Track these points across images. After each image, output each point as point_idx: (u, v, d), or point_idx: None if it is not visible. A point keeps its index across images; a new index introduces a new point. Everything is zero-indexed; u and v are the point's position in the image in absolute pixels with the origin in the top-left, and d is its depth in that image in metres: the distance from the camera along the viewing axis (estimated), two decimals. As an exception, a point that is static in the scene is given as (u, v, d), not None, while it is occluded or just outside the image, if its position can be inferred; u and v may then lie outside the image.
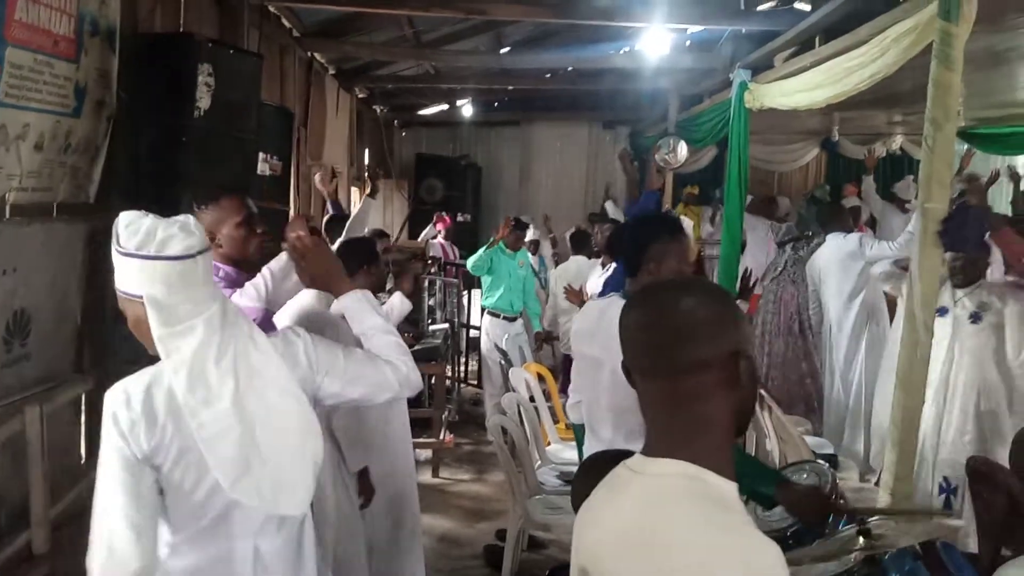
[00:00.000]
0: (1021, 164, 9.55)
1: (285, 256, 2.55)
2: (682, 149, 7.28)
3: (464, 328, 7.74)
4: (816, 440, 4.25)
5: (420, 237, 9.13)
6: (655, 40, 6.45)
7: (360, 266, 3.12)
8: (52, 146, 2.83)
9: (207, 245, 1.75)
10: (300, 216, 2.72)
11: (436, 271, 7.38)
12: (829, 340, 5.73)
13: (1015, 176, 6.93)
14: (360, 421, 3.04)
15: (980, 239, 3.12)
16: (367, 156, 10.09)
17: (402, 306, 3.93)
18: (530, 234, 7.75)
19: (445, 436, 5.80)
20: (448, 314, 7.23)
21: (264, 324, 2.45)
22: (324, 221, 5.42)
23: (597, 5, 6.22)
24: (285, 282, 2.56)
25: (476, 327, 7.34)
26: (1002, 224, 3.07)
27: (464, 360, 7.81)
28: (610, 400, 2.55)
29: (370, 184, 5.20)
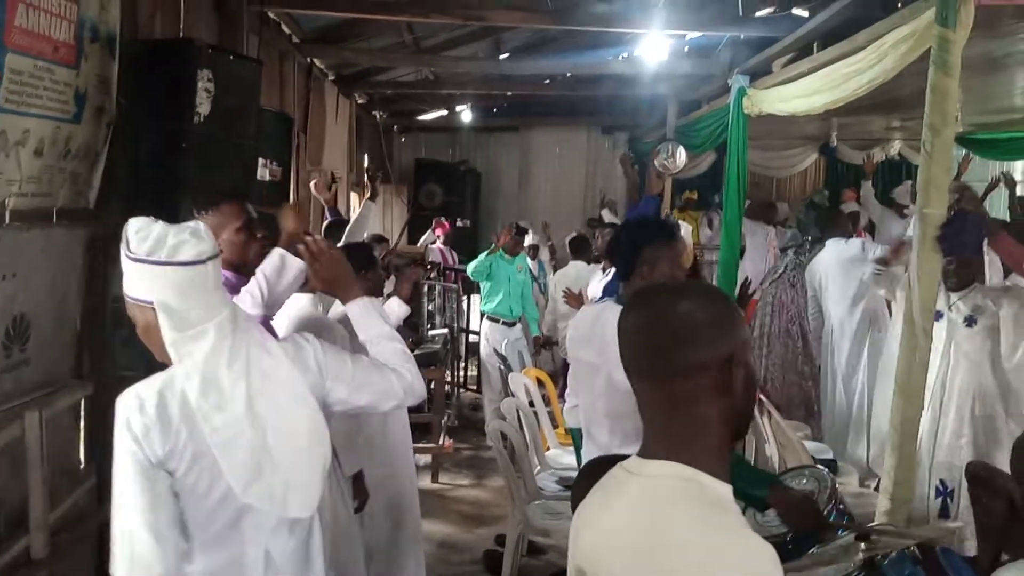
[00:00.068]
0: (1019, 169, 9.59)
1: (277, 256, 2.54)
2: (681, 154, 7.30)
3: (463, 333, 7.74)
4: (815, 445, 4.24)
5: (419, 242, 9.14)
6: (653, 46, 6.46)
7: (357, 271, 3.11)
8: (52, 152, 2.83)
9: (217, 251, 1.76)
10: (291, 206, 2.68)
11: (435, 276, 7.39)
12: (831, 345, 5.72)
13: (1010, 182, 6.95)
14: (359, 425, 3.04)
15: (979, 244, 3.13)
16: (366, 161, 10.09)
17: (399, 311, 3.94)
18: (529, 239, 7.76)
19: (444, 441, 5.80)
20: (447, 319, 7.23)
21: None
22: (323, 227, 5.43)
23: (595, 11, 6.25)
24: (279, 284, 2.54)
25: (475, 332, 7.34)
26: (999, 230, 3.08)
27: (463, 365, 7.82)
28: (606, 404, 2.56)
29: (370, 187, 5.20)
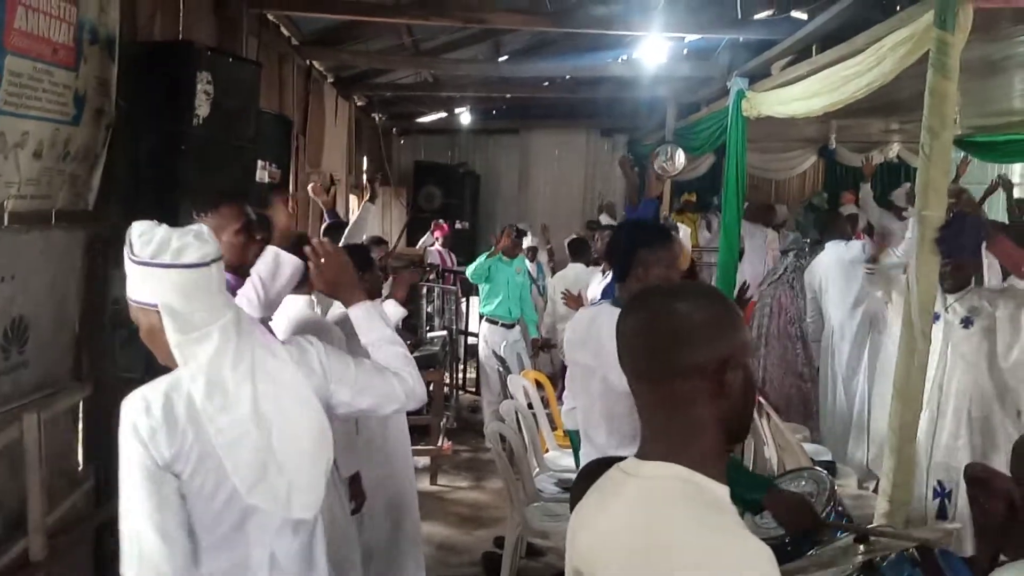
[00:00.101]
0: (1017, 172, 9.60)
1: (271, 255, 2.52)
2: (680, 157, 7.30)
3: (462, 335, 7.74)
4: (814, 447, 4.25)
5: (418, 245, 9.15)
6: (653, 49, 6.47)
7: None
8: (51, 154, 2.83)
9: (220, 254, 1.77)
10: (280, 195, 2.66)
11: (434, 278, 7.39)
12: (831, 348, 5.71)
13: (1007, 184, 6.95)
14: (357, 427, 3.04)
15: (977, 246, 3.13)
16: (365, 164, 10.10)
17: (396, 313, 3.94)
18: (527, 241, 7.76)
19: (443, 443, 5.80)
20: (446, 321, 7.23)
21: (263, 332, 2.44)
22: (322, 228, 5.43)
23: (595, 14, 6.26)
24: (275, 284, 2.52)
25: (474, 334, 7.34)
26: (997, 233, 3.08)
27: (462, 367, 7.81)
28: (603, 406, 2.56)
29: (369, 189, 5.20)
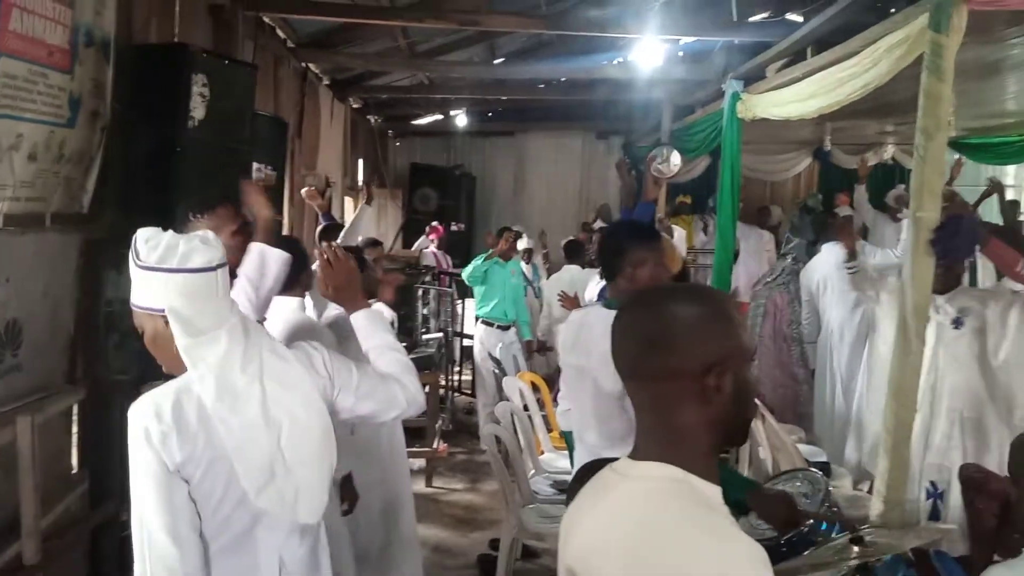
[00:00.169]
0: (1011, 174, 9.62)
1: (256, 253, 2.49)
2: (675, 159, 7.31)
3: (458, 337, 7.73)
4: (809, 448, 4.25)
5: (414, 247, 9.15)
6: (648, 51, 6.47)
7: None
8: (46, 156, 2.82)
9: (226, 259, 1.78)
10: (252, 183, 2.61)
11: (430, 280, 7.39)
12: (829, 349, 5.70)
13: (998, 187, 6.97)
14: (352, 428, 3.03)
15: (972, 248, 3.14)
16: (361, 166, 10.10)
17: (387, 316, 3.94)
18: (523, 243, 7.76)
19: (438, 445, 5.79)
20: (442, 323, 7.23)
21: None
22: (318, 231, 5.43)
23: (590, 16, 6.28)
24: (264, 283, 2.50)
25: (470, 336, 7.33)
26: (990, 235, 3.09)
27: (458, 369, 7.81)
28: (593, 407, 2.57)
29: (366, 192, 5.21)
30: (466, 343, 7.66)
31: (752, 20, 5.82)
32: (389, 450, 3.51)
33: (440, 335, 6.84)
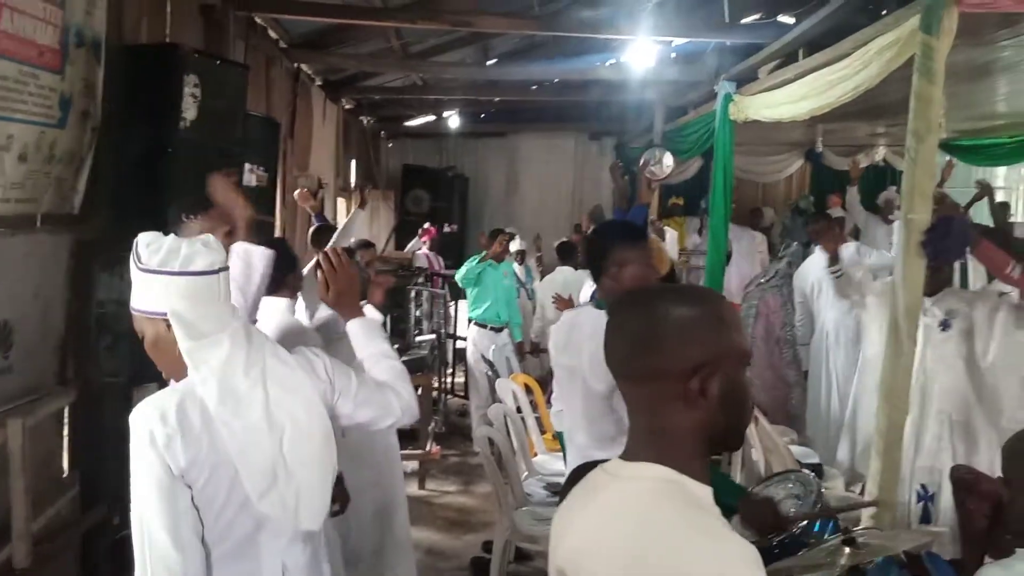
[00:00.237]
0: (1001, 176, 9.67)
1: (240, 253, 2.39)
2: (668, 160, 7.33)
3: (451, 339, 7.73)
4: (802, 449, 4.26)
5: (406, 248, 9.14)
6: (641, 52, 6.48)
7: None
8: (36, 157, 2.81)
9: (227, 263, 1.78)
10: (221, 178, 2.53)
11: (423, 282, 7.38)
12: (825, 350, 5.70)
13: (988, 189, 7.01)
14: (342, 430, 3.02)
15: (962, 249, 3.15)
16: (353, 167, 10.08)
17: (375, 318, 3.92)
18: (516, 244, 7.75)
19: (431, 448, 5.78)
20: (435, 325, 7.22)
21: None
22: (311, 232, 5.42)
23: (582, 17, 6.28)
24: (251, 284, 2.43)
25: (463, 338, 7.33)
26: (981, 236, 3.10)
27: (451, 371, 7.80)
28: (584, 407, 2.58)
29: (359, 196, 5.20)
30: (459, 345, 7.66)
31: (744, 22, 5.84)
32: (382, 453, 3.50)
33: (433, 337, 6.83)
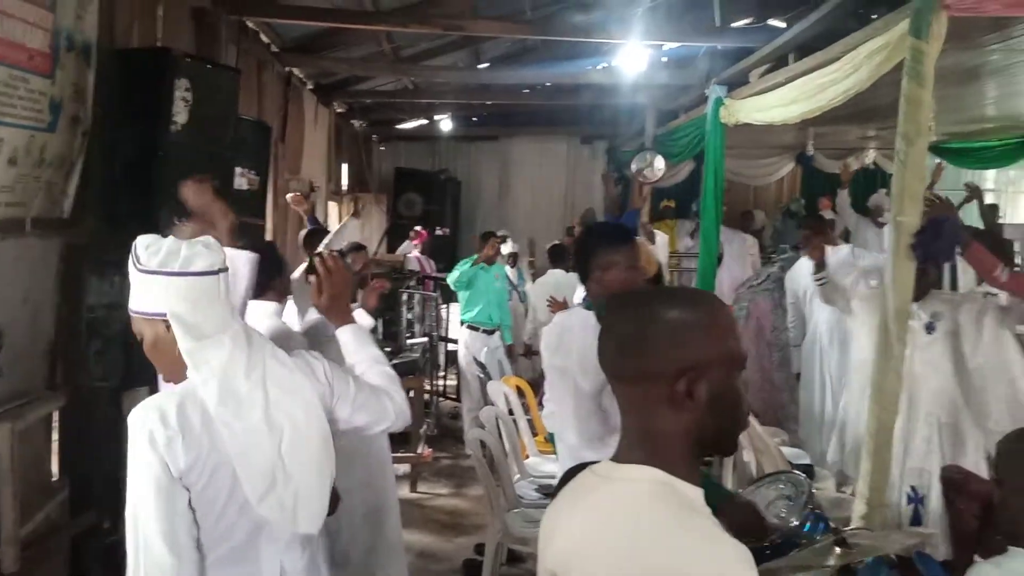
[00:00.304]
0: (990, 179, 9.72)
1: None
2: (659, 163, 7.35)
3: (442, 341, 7.72)
4: (793, 451, 4.28)
5: (398, 251, 9.14)
6: (632, 56, 6.50)
7: None
8: (26, 161, 2.80)
9: (227, 264, 1.78)
10: (194, 184, 2.48)
11: (415, 285, 7.38)
12: (819, 352, 5.70)
13: (976, 191, 7.04)
14: (334, 431, 3.02)
15: (952, 251, 3.16)
16: (345, 170, 10.07)
17: (366, 323, 3.92)
18: (508, 247, 7.76)
19: (423, 450, 5.78)
20: (426, 328, 7.22)
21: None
22: (302, 234, 5.42)
23: (574, 22, 6.29)
24: (238, 289, 2.40)
25: (454, 340, 7.33)
26: (971, 239, 3.11)
27: (442, 374, 7.80)
28: (574, 407, 2.58)
29: (353, 206, 5.20)
30: (451, 347, 7.65)
31: (735, 26, 5.86)
32: (373, 454, 3.49)
33: (425, 340, 6.84)
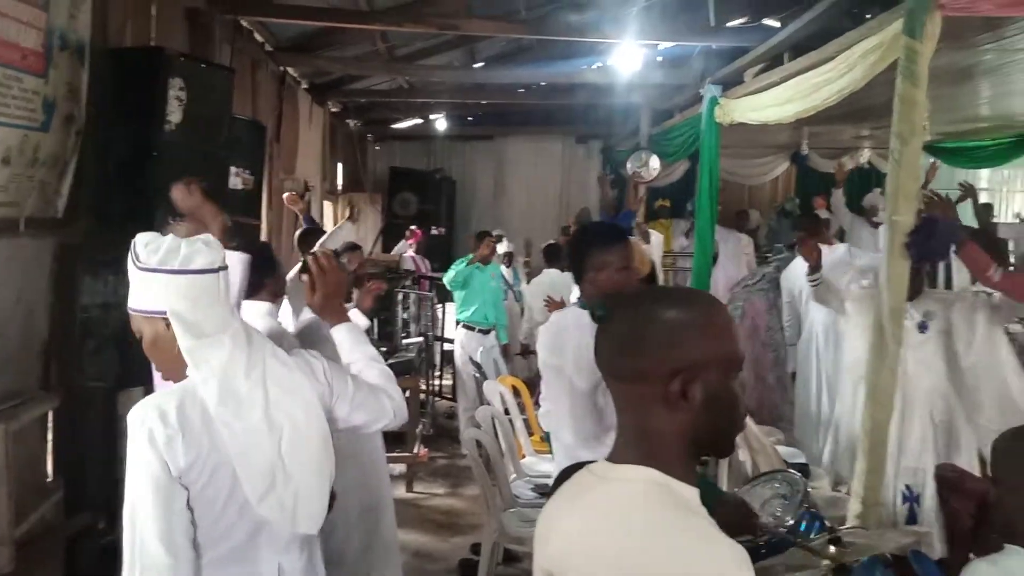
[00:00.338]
0: (985, 178, 9.74)
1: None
2: (654, 163, 7.36)
3: (438, 341, 7.72)
4: (789, 450, 4.28)
5: (393, 251, 9.13)
6: (627, 56, 6.51)
7: None
8: (20, 160, 2.79)
9: (226, 263, 1.77)
10: (184, 188, 2.47)
11: (410, 284, 7.37)
12: (816, 351, 5.70)
13: (970, 190, 7.06)
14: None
15: (947, 250, 3.17)
16: (340, 170, 10.06)
17: (360, 323, 3.91)
18: (503, 247, 7.75)
19: (419, 450, 5.77)
20: (422, 327, 7.21)
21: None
22: (297, 234, 5.41)
23: (569, 21, 6.29)
24: (230, 291, 2.44)
25: (450, 340, 7.32)
26: (966, 238, 3.12)
27: (438, 373, 7.79)
28: (570, 406, 2.58)
29: (350, 210, 5.20)
30: (447, 347, 7.65)
31: (730, 25, 5.87)
32: (368, 453, 3.49)
33: (420, 340, 6.83)
